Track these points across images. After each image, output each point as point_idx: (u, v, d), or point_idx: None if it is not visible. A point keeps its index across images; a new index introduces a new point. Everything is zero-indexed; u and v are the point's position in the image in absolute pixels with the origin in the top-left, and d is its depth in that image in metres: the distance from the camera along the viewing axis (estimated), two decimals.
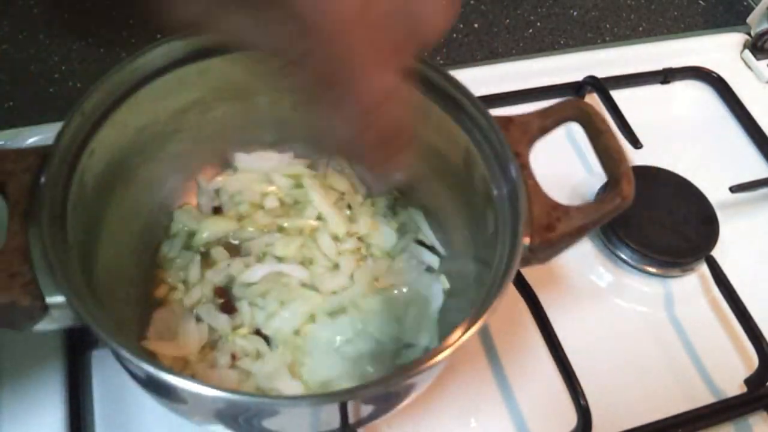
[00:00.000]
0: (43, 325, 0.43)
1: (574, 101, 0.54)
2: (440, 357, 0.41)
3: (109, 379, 0.54)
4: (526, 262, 0.48)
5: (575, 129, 0.53)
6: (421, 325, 0.56)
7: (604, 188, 0.69)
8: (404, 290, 0.58)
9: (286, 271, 0.57)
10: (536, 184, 0.50)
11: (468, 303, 0.50)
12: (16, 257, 0.41)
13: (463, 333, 0.41)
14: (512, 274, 0.45)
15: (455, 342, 0.41)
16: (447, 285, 0.58)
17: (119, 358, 0.43)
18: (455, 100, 0.52)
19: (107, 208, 0.51)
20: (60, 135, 0.46)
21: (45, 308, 0.41)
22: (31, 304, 0.41)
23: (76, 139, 0.47)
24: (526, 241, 0.47)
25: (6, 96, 0.73)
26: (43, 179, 0.44)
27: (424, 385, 0.48)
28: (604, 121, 0.52)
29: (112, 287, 0.51)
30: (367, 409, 0.46)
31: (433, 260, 0.59)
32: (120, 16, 0.81)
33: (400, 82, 0.36)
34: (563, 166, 0.72)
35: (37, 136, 0.65)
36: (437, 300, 0.57)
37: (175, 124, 0.55)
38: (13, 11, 0.79)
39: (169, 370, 0.38)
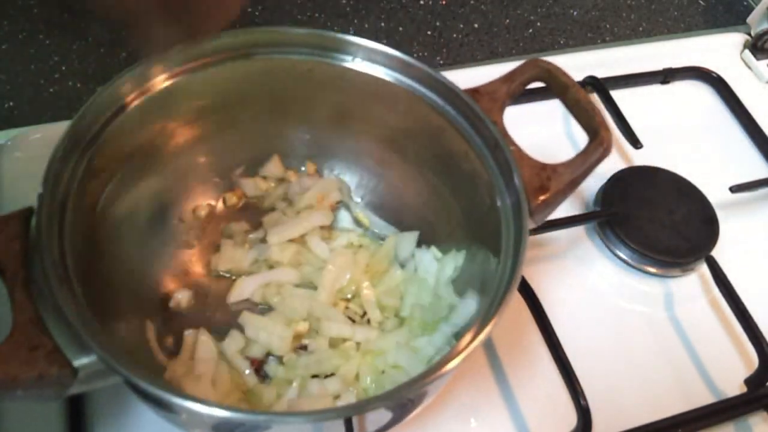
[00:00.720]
0: (72, 391, 0.41)
1: (535, 60, 0.54)
2: (448, 367, 0.41)
3: (109, 393, 0.53)
4: None
5: (577, 128, 0.53)
6: (430, 294, 0.56)
7: (603, 189, 0.69)
8: (398, 272, 0.58)
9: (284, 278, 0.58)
10: (519, 149, 0.50)
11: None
12: (31, 329, 0.39)
13: (470, 342, 0.41)
14: (517, 281, 0.45)
15: (464, 350, 0.41)
16: (439, 254, 0.58)
17: (148, 396, 0.42)
18: (420, 81, 0.53)
19: (99, 256, 0.49)
20: (42, 194, 0.43)
21: (75, 373, 0.40)
22: (59, 372, 0.39)
23: (57, 196, 0.44)
24: (527, 221, 0.47)
25: (6, 96, 0.73)
26: (37, 239, 0.42)
27: (432, 395, 0.48)
28: (566, 75, 0.52)
29: (120, 332, 0.50)
30: (372, 425, 0.46)
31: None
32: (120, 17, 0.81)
33: None
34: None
35: (37, 135, 0.65)
36: (432, 268, 0.57)
37: (170, 142, 0.55)
38: (13, 11, 0.79)
39: (201, 400, 0.38)
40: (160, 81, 0.51)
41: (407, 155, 0.59)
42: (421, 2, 0.89)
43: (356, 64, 0.54)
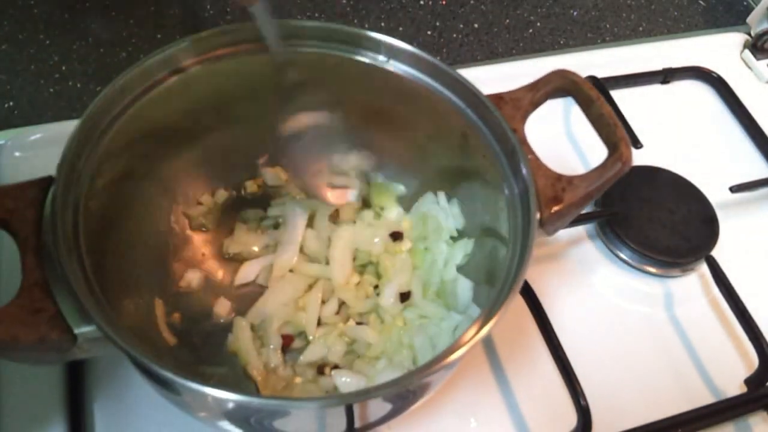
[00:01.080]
0: (71, 356, 0.42)
1: (561, 71, 0.54)
2: (452, 358, 0.41)
3: (110, 385, 0.54)
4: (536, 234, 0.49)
5: (576, 129, 0.53)
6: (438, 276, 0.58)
7: None
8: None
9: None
10: (537, 158, 0.50)
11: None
12: (36, 293, 0.41)
13: (476, 333, 0.42)
14: (523, 276, 0.45)
15: (469, 341, 0.41)
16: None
17: (147, 372, 0.42)
18: (445, 83, 0.53)
19: (114, 233, 0.51)
20: (61, 164, 0.45)
21: (74, 339, 0.41)
22: (59, 338, 0.40)
23: (75, 167, 0.46)
24: (536, 215, 0.47)
25: (6, 96, 0.73)
26: (51, 210, 0.43)
27: (435, 387, 0.48)
28: (593, 88, 0.52)
29: (133, 315, 0.51)
30: (374, 413, 0.46)
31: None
32: (120, 16, 0.81)
33: None
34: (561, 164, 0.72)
35: (37, 135, 0.65)
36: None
37: (179, 134, 0.55)
38: (13, 11, 0.79)
39: (195, 379, 0.38)
40: (189, 64, 0.52)
41: (426, 157, 0.59)
42: (421, 2, 0.89)
43: (383, 62, 0.55)
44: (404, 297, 0.57)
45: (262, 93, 0.56)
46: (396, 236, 0.61)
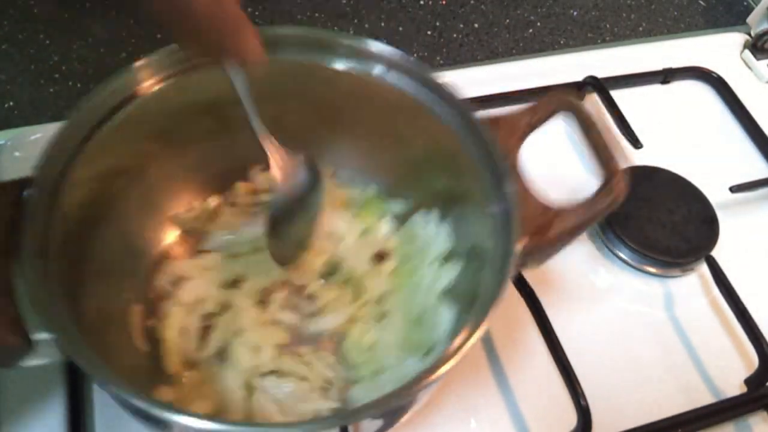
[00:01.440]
0: (29, 362, 0.42)
1: (560, 95, 0.53)
2: (435, 375, 0.40)
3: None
4: (522, 265, 0.48)
5: (576, 136, 0.53)
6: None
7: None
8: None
9: None
10: (525, 187, 0.49)
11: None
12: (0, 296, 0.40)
13: (458, 349, 0.41)
14: (507, 281, 0.44)
15: (451, 357, 0.41)
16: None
17: (111, 394, 0.42)
18: (441, 102, 0.52)
19: (95, 237, 0.50)
20: (40, 165, 0.44)
21: (30, 345, 0.40)
22: (15, 343, 0.40)
23: (55, 169, 0.45)
24: (519, 245, 0.46)
25: (6, 96, 0.73)
26: (22, 212, 0.42)
27: (424, 396, 0.48)
28: (590, 116, 0.51)
29: (103, 321, 0.50)
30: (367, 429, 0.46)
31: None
32: (120, 16, 0.81)
33: None
34: (561, 164, 0.72)
35: (37, 135, 0.65)
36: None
37: (157, 147, 0.55)
38: (13, 11, 0.79)
39: (158, 403, 0.38)
40: (175, 72, 0.51)
41: (420, 175, 0.58)
42: (421, 2, 0.89)
43: (380, 72, 0.54)
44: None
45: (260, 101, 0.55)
46: (380, 256, 0.59)
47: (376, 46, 0.53)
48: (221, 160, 0.59)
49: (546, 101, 0.52)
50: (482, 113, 0.51)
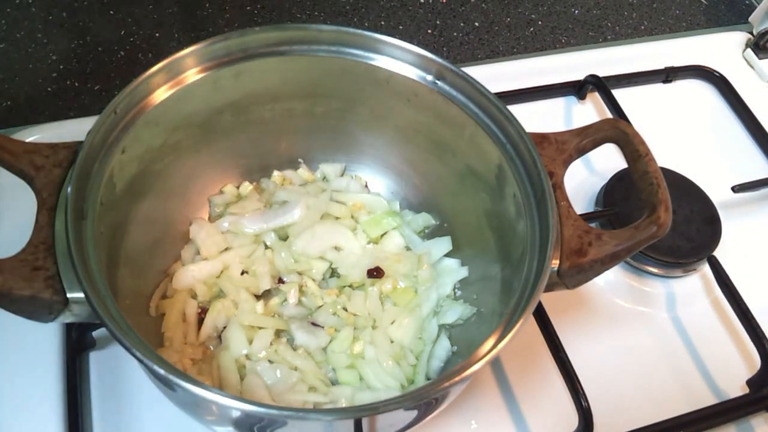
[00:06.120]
0: (63, 319, 0.43)
1: (613, 121, 0.51)
2: (458, 378, 0.40)
3: (108, 378, 0.54)
4: (553, 286, 0.46)
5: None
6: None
7: (604, 189, 0.68)
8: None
9: None
10: (569, 206, 0.48)
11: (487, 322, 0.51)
12: (40, 251, 0.42)
13: (484, 356, 0.42)
14: (538, 297, 0.44)
15: (476, 363, 0.41)
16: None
17: (140, 361, 0.42)
18: (490, 113, 0.52)
19: (134, 208, 0.51)
20: (92, 131, 0.46)
21: (66, 303, 0.41)
22: (51, 299, 0.41)
23: (108, 137, 0.47)
24: (555, 264, 0.45)
25: (4, 95, 0.72)
26: (70, 174, 0.44)
27: (444, 403, 0.48)
28: (643, 143, 0.49)
29: (136, 284, 0.52)
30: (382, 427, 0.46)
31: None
32: (118, 16, 0.80)
33: None
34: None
35: (36, 135, 0.65)
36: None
37: (207, 127, 0.56)
38: (12, 10, 0.79)
39: (188, 378, 0.38)
40: (218, 63, 0.52)
41: (461, 190, 0.58)
42: (422, 0, 0.88)
43: (430, 82, 0.54)
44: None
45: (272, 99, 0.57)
46: (379, 272, 0.58)
47: (428, 53, 0.53)
48: (253, 155, 0.61)
49: (598, 126, 0.51)
50: (530, 128, 0.50)
